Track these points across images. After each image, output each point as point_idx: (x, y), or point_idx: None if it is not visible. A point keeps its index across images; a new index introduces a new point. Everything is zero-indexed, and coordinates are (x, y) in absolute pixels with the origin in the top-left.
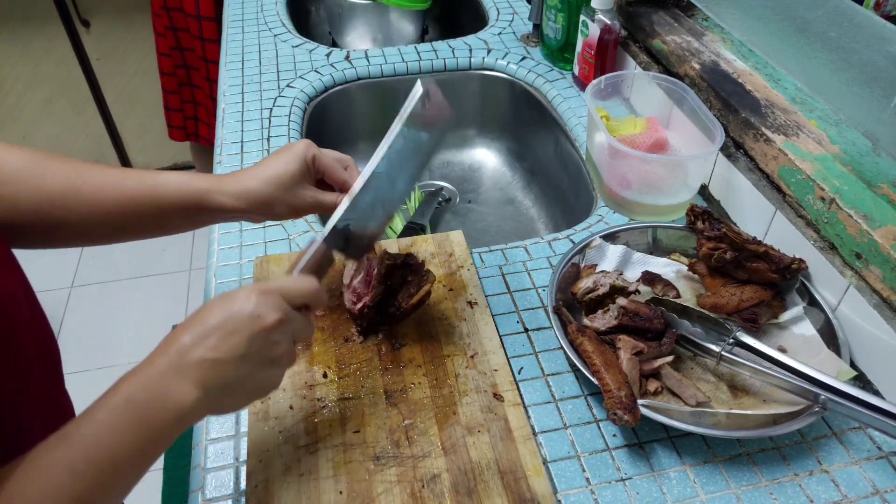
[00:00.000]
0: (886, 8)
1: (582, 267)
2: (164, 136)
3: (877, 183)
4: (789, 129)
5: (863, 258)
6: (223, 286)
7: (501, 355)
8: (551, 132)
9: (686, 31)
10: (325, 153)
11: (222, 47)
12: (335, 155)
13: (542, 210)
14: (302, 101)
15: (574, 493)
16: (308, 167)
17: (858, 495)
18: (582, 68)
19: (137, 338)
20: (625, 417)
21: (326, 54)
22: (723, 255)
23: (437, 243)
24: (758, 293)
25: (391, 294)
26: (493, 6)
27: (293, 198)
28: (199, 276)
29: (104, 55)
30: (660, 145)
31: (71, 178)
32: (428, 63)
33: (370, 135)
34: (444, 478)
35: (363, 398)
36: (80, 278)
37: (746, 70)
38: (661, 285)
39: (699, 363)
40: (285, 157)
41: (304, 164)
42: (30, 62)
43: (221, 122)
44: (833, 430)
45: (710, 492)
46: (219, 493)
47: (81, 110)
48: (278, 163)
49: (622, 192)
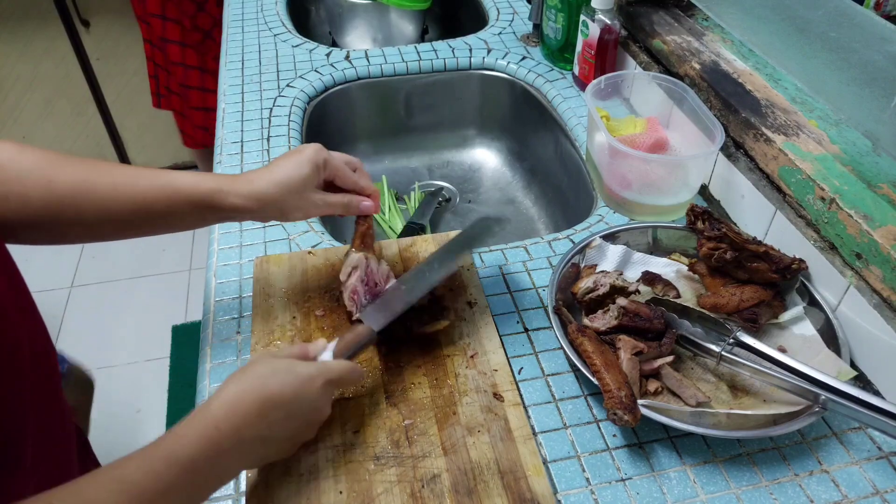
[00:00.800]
0: (886, 8)
1: (582, 267)
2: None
3: (877, 183)
4: (789, 129)
5: (863, 258)
6: (223, 286)
7: (501, 355)
8: (551, 132)
9: (686, 31)
10: (335, 156)
11: (222, 47)
12: (344, 157)
13: (542, 210)
14: (302, 101)
15: (574, 493)
16: (318, 171)
17: (858, 495)
18: (582, 68)
19: (137, 338)
20: (625, 417)
21: (326, 54)
22: (723, 255)
23: (437, 243)
24: (758, 293)
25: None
26: (493, 6)
27: (303, 201)
28: (199, 276)
29: (104, 55)
30: (660, 145)
31: (82, 177)
32: (428, 63)
33: (370, 135)
34: (444, 478)
35: (363, 398)
36: (80, 278)
37: (746, 70)
38: (661, 285)
39: (699, 363)
40: (296, 161)
41: (314, 169)
42: (30, 62)
43: (221, 121)
44: (833, 430)
45: (711, 492)
46: (219, 492)
47: (81, 110)
48: (289, 166)
49: (622, 192)
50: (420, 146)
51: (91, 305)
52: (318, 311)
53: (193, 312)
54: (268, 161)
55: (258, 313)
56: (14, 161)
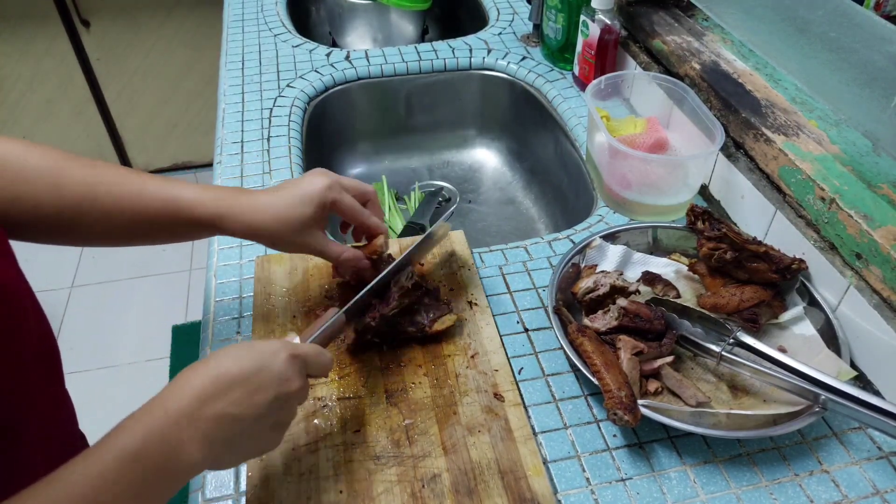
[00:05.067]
0: (886, 8)
1: (582, 267)
2: (164, 136)
3: (877, 183)
4: (789, 129)
5: (863, 258)
6: (223, 286)
7: (502, 355)
8: (551, 132)
9: (686, 31)
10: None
11: (222, 47)
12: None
13: (542, 210)
14: (302, 101)
15: (574, 493)
16: (323, 211)
17: (858, 495)
18: (582, 68)
19: (137, 338)
20: (625, 418)
21: (326, 54)
22: (723, 255)
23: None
24: (758, 293)
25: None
26: (493, 6)
27: (300, 240)
28: (199, 276)
29: (104, 55)
30: (660, 145)
31: (89, 183)
32: (428, 63)
33: (370, 135)
34: (445, 478)
35: (363, 398)
36: (80, 278)
37: (746, 70)
38: (661, 285)
39: (699, 363)
40: (302, 197)
41: (319, 210)
42: (30, 62)
43: (221, 121)
44: (833, 430)
45: (711, 492)
46: (219, 493)
47: (81, 110)
48: (294, 201)
49: (622, 192)
50: (420, 146)
51: (91, 305)
52: (319, 311)
53: (193, 312)
54: (268, 161)
55: (259, 313)
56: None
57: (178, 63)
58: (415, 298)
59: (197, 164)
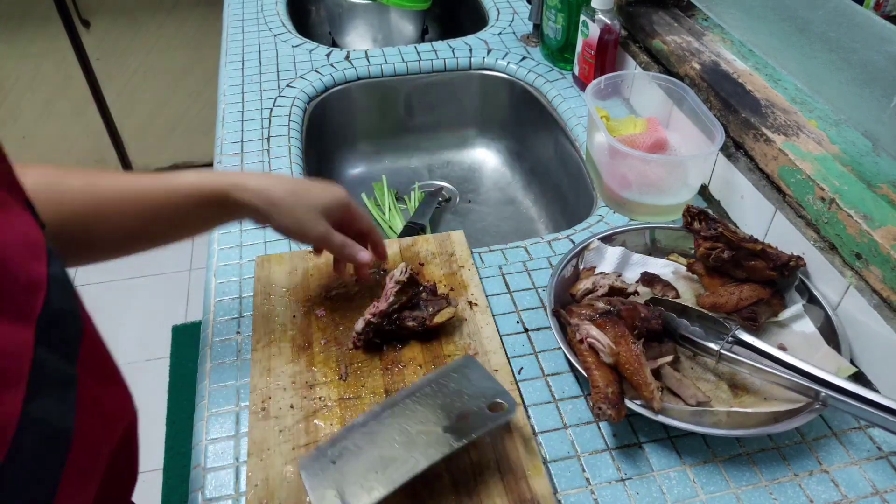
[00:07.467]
0: (886, 8)
1: (581, 269)
2: (164, 136)
3: (877, 183)
4: (789, 129)
5: (863, 258)
6: (223, 286)
7: (502, 355)
8: (551, 132)
9: (686, 31)
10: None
11: (222, 47)
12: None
13: (542, 210)
14: (302, 101)
15: (574, 493)
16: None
17: (858, 495)
18: (582, 68)
19: (137, 338)
20: (608, 412)
21: (326, 54)
22: (720, 254)
23: (437, 243)
24: (756, 291)
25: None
26: (493, 6)
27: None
28: (199, 276)
29: (104, 55)
30: (660, 145)
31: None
32: (428, 63)
33: (370, 135)
34: (445, 477)
35: (364, 398)
36: (80, 278)
37: (746, 70)
38: (660, 286)
39: (699, 363)
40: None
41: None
42: (30, 62)
43: (221, 122)
44: (833, 430)
45: (710, 492)
46: (219, 493)
47: (81, 110)
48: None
49: (622, 192)
50: (420, 146)
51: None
52: (319, 311)
53: (193, 312)
54: (268, 161)
55: (259, 312)
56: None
57: (178, 63)
58: (412, 294)
59: (197, 165)
